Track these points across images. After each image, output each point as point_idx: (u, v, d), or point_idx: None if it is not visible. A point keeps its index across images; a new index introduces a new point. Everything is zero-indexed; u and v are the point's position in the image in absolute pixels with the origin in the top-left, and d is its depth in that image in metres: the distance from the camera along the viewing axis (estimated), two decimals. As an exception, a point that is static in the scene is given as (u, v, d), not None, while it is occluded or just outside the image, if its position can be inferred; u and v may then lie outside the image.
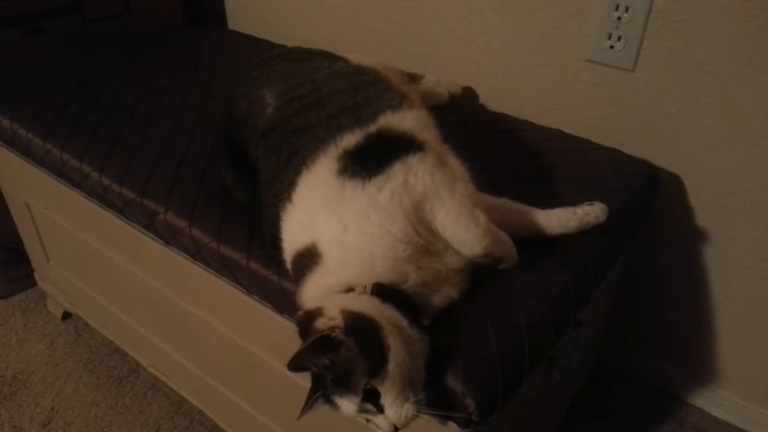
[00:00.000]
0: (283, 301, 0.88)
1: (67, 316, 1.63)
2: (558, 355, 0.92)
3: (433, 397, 0.74)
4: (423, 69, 1.39)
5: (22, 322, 1.62)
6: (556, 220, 0.89)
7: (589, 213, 0.89)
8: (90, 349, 1.54)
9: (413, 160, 0.77)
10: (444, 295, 0.78)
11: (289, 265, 0.82)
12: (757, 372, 1.29)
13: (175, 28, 1.81)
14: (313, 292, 0.76)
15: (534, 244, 0.88)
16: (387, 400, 0.67)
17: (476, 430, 0.75)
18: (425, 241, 0.76)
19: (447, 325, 0.77)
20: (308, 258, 0.77)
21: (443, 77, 1.35)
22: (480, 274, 0.82)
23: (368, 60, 1.10)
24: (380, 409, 0.68)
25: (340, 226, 0.75)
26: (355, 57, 1.09)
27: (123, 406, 1.39)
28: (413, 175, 0.76)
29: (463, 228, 0.77)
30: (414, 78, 1.31)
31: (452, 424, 0.75)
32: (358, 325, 0.68)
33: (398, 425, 0.68)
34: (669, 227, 1.26)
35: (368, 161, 0.77)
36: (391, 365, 0.66)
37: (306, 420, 1.04)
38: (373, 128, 0.82)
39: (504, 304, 0.81)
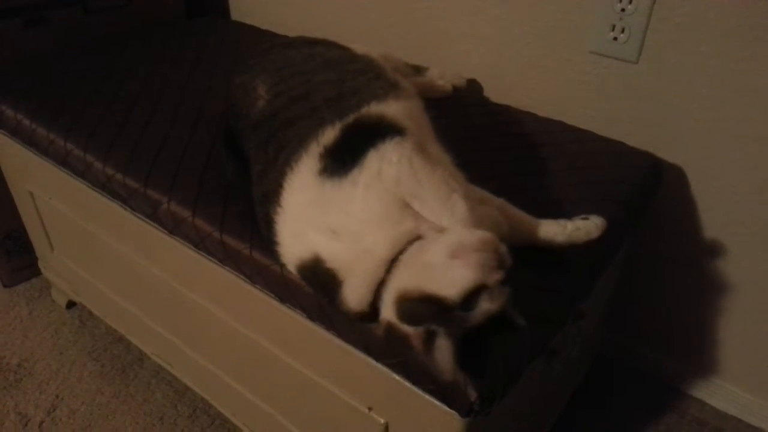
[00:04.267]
0: (286, 291, 0.88)
1: (71, 305, 1.64)
2: (559, 346, 0.92)
3: (431, 384, 0.75)
4: (427, 61, 1.39)
5: (27, 311, 1.63)
6: (543, 232, 0.85)
7: (579, 228, 0.85)
8: (94, 337, 1.55)
9: (389, 146, 0.74)
10: None
11: (293, 269, 0.81)
12: (758, 363, 1.30)
13: (178, 18, 1.81)
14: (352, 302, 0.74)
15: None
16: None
17: (477, 419, 0.75)
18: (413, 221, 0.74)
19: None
20: (322, 274, 0.75)
21: (447, 69, 1.35)
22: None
23: (372, 51, 1.10)
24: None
25: (329, 234, 0.73)
26: (359, 48, 1.08)
27: (127, 394, 1.41)
28: (387, 163, 0.73)
29: (439, 218, 0.74)
30: (418, 70, 1.31)
31: (453, 413, 0.75)
32: (406, 302, 0.68)
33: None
34: (671, 219, 1.26)
35: (344, 156, 0.75)
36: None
37: (307, 409, 1.05)
38: (350, 119, 0.79)
39: (505, 295, 0.81)
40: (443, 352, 0.66)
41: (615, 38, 1.16)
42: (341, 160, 0.75)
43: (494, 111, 1.28)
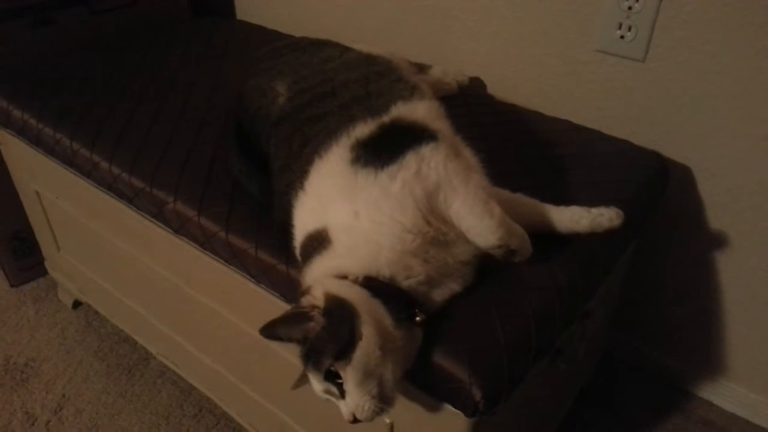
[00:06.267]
0: (291, 290, 0.88)
1: (77, 304, 1.64)
2: (565, 346, 0.92)
3: (436, 384, 0.75)
4: (431, 59, 1.38)
5: (34, 311, 1.64)
6: (567, 216, 0.88)
7: (603, 214, 0.88)
8: (100, 337, 1.56)
9: (426, 150, 0.77)
10: (447, 289, 0.78)
11: (298, 249, 0.83)
12: (766, 364, 1.29)
13: (183, 18, 1.81)
14: (315, 273, 0.76)
15: (543, 235, 0.88)
16: (348, 386, 0.69)
17: (482, 419, 0.75)
18: (436, 231, 0.76)
19: (454, 315, 0.77)
20: (318, 241, 0.78)
21: (451, 67, 1.34)
22: (488, 266, 0.82)
23: (375, 50, 1.09)
24: (342, 395, 0.70)
25: (351, 214, 0.75)
26: (363, 47, 1.08)
27: (133, 394, 1.41)
28: (426, 164, 0.76)
29: (478, 219, 0.76)
30: (421, 68, 1.31)
31: (459, 413, 0.75)
32: (335, 307, 0.70)
33: (358, 416, 0.69)
34: (678, 219, 1.26)
35: (381, 151, 0.77)
36: (358, 354, 0.67)
37: (313, 408, 1.05)
38: (386, 118, 0.82)
39: (511, 294, 0.81)
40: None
41: (622, 36, 1.15)
42: (376, 154, 0.77)
43: (500, 110, 1.27)
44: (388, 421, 0.89)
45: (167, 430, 1.33)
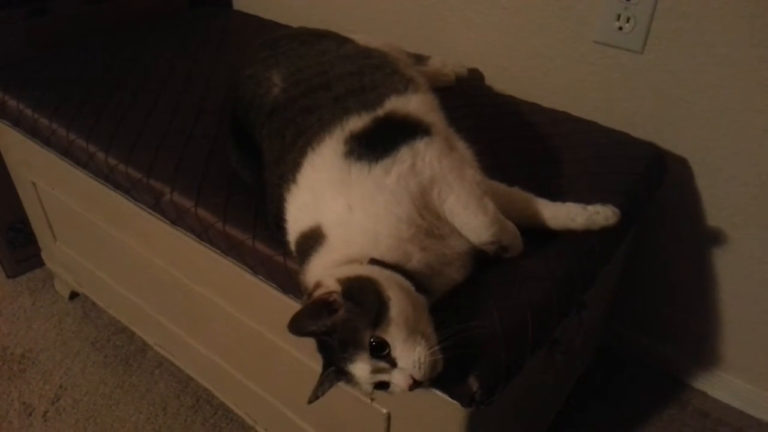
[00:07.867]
0: (288, 281, 0.88)
1: (74, 295, 1.64)
2: (561, 336, 0.92)
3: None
4: (429, 50, 1.38)
5: (30, 302, 1.64)
6: (564, 213, 0.88)
7: (599, 212, 0.88)
8: (97, 328, 1.56)
9: (420, 145, 0.77)
10: (447, 278, 0.79)
11: (292, 246, 0.83)
12: (761, 355, 1.30)
13: (180, 8, 1.80)
14: (316, 270, 0.76)
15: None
16: (397, 346, 0.65)
17: (479, 409, 0.75)
18: (429, 224, 0.76)
19: (451, 305, 0.77)
20: (313, 239, 0.78)
21: (449, 58, 1.34)
22: (486, 258, 0.83)
23: (374, 41, 1.09)
24: (393, 363, 0.66)
25: (345, 207, 0.75)
26: (361, 38, 1.08)
27: (130, 385, 1.41)
28: (421, 159, 0.76)
29: (472, 215, 0.77)
30: (420, 59, 1.31)
31: (455, 403, 0.75)
32: (354, 285, 0.68)
33: (415, 375, 0.65)
34: (675, 210, 1.26)
35: (375, 144, 0.77)
36: (393, 312, 0.66)
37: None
38: (380, 112, 0.82)
39: (508, 285, 0.81)
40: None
41: (620, 28, 1.15)
42: (370, 147, 0.77)
43: (498, 101, 1.27)
44: (384, 411, 0.89)
45: (165, 421, 1.33)
